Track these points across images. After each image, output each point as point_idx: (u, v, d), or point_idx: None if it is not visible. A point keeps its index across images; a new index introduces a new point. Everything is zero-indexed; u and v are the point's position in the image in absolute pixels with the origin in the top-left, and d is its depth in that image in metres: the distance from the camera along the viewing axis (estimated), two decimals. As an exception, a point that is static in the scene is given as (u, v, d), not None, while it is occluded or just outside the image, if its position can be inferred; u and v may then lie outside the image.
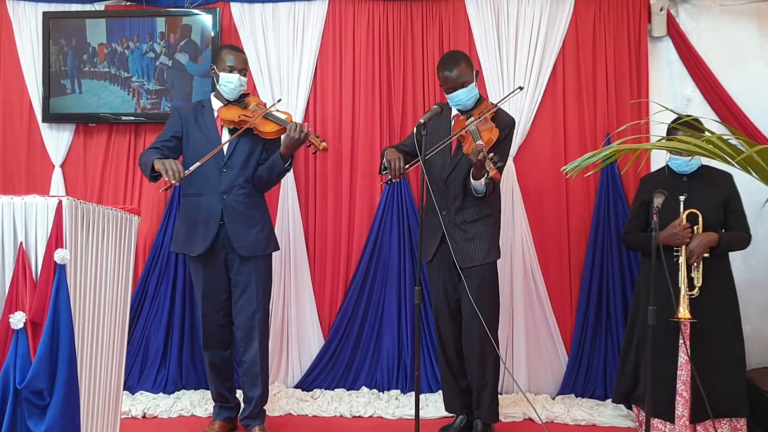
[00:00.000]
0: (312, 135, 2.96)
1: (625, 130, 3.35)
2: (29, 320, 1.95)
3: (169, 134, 3.06)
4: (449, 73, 2.93)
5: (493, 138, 2.85)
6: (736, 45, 3.65)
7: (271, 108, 3.04)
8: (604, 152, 2.20)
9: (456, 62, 2.94)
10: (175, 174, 2.74)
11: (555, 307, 3.72)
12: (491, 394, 3.06)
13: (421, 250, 3.10)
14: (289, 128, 2.93)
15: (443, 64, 2.98)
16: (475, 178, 2.86)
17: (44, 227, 2.00)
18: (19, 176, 3.97)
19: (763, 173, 2.10)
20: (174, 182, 2.74)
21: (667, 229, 2.91)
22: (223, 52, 3.10)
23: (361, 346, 3.80)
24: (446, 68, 2.95)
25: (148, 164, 2.85)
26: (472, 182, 2.89)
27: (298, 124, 2.93)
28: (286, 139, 2.94)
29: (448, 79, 2.94)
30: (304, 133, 2.92)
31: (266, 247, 3.09)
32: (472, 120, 2.89)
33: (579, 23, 3.75)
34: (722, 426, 2.93)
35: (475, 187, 2.90)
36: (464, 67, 2.94)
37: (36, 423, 1.93)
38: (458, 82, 2.93)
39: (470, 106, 2.98)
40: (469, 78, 2.94)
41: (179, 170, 2.76)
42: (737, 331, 2.98)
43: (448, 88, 2.96)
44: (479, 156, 2.70)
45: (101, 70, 3.83)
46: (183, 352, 3.76)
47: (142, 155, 2.98)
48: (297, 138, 2.92)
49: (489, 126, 2.89)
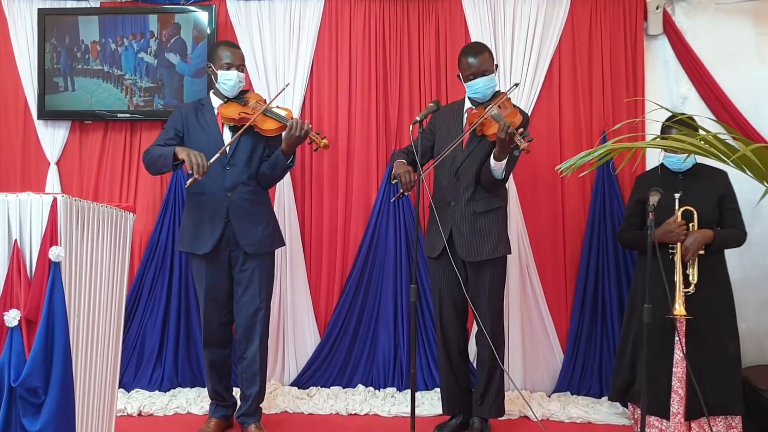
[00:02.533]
0: (313, 132, 2.95)
1: (621, 129, 3.36)
2: (24, 318, 1.95)
3: (171, 132, 3.03)
4: (473, 59, 2.96)
5: (517, 121, 2.86)
6: (732, 43, 3.66)
7: (271, 105, 3.03)
8: (599, 151, 2.20)
9: (480, 51, 2.99)
10: (200, 168, 2.75)
11: (551, 304, 3.73)
12: (498, 388, 3.08)
13: (427, 245, 3.12)
14: (290, 125, 2.92)
15: (467, 51, 3.01)
16: (499, 159, 2.86)
17: (39, 224, 2.00)
18: (14, 174, 3.95)
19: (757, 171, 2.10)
20: (198, 177, 2.75)
21: (663, 227, 2.92)
22: (219, 49, 3.07)
23: (357, 343, 3.80)
24: (470, 55, 2.98)
25: (167, 154, 2.83)
26: (493, 165, 2.89)
27: (298, 121, 2.92)
28: (287, 136, 2.93)
29: (471, 65, 2.96)
30: (305, 130, 2.92)
31: (271, 243, 3.10)
32: (492, 106, 2.91)
33: (575, 21, 3.75)
34: (717, 424, 2.93)
35: (495, 171, 2.90)
36: (487, 56, 2.98)
37: (31, 421, 1.93)
38: (480, 70, 2.95)
39: (488, 97, 3.00)
40: (490, 68, 2.97)
41: (204, 164, 2.76)
42: (732, 328, 2.99)
43: (469, 74, 2.97)
44: (509, 131, 2.71)
45: (94, 68, 3.82)
46: (179, 350, 3.75)
47: (149, 151, 2.95)
48: (298, 135, 2.92)
49: (511, 110, 2.92)
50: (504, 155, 2.84)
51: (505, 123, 2.74)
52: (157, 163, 2.92)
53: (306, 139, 2.95)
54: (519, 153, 2.82)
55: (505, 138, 2.73)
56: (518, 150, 2.78)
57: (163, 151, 2.89)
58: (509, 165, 2.90)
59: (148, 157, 2.96)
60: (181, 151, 2.82)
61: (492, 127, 2.85)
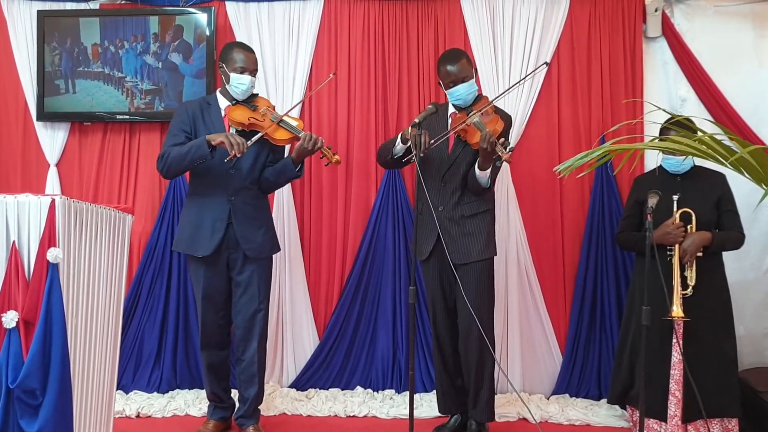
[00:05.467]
0: (325, 147, 2.95)
1: (620, 130, 3.36)
2: (22, 319, 1.94)
3: (182, 136, 2.98)
4: (451, 67, 2.99)
5: (498, 129, 2.89)
6: (730, 46, 3.66)
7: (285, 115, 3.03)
8: (597, 152, 2.20)
9: (457, 58, 3.01)
10: (241, 146, 2.79)
11: (549, 306, 3.73)
12: (488, 392, 3.07)
13: (417, 249, 3.12)
14: (303, 138, 2.92)
15: (445, 59, 3.04)
16: (482, 168, 2.89)
17: (37, 226, 1.99)
18: (14, 175, 3.95)
19: (755, 174, 2.10)
20: (239, 155, 2.79)
21: (661, 228, 2.92)
22: (234, 51, 3.04)
23: (356, 345, 3.80)
24: (448, 63, 3.00)
25: (199, 143, 2.82)
26: (478, 174, 2.92)
27: (311, 135, 2.92)
28: (299, 148, 2.93)
29: (450, 73, 2.99)
30: (317, 145, 2.92)
31: (271, 248, 3.12)
32: (474, 113, 2.93)
33: (574, 23, 3.75)
34: (714, 426, 2.93)
35: (480, 179, 2.93)
36: (465, 63, 3.01)
37: (28, 422, 1.93)
38: (459, 77, 2.97)
39: (470, 102, 3.03)
40: (469, 74, 3.00)
41: (243, 142, 2.80)
42: (730, 331, 2.99)
43: (449, 82, 3.00)
44: (490, 140, 2.74)
45: (95, 70, 3.82)
46: (177, 352, 3.75)
47: (168, 153, 2.89)
48: (310, 149, 2.92)
49: (492, 117, 2.94)
50: (488, 165, 2.87)
51: (486, 133, 2.77)
52: (185, 159, 2.85)
53: (317, 152, 2.96)
54: (501, 164, 2.84)
55: (487, 148, 2.76)
56: (500, 161, 2.80)
57: (190, 145, 2.85)
58: (492, 173, 2.94)
59: (168, 160, 2.89)
60: (213, 137, 2.82)
61: (475, 136, 2.88)
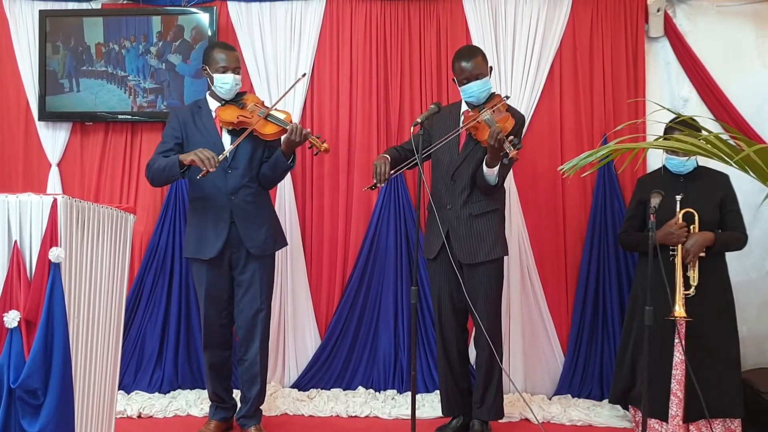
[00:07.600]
0: (312, 136, 2.95)
1: (622, 130, 3.36)
2: (23, 319, 1.94)
3: (171, 143, 3.00)
4: (465, 64, 2.96)
5: (508, 127, 2.86)
6: (732, 46, 3.66)
7: (271, 109, 3.02)
8: (601, 152, 2.20)
9: (473, 54, 2.99)
10: (211, 160, 2.76)
11: (551, 306, 3.72)
12: (497, 390, 3.07)
13: (425, 247, 3.12)
14: (289, 130, 2.92)
15: (460, 56, 3.02)
16: (491, 165, 2.87)
17: (39, 225, 1.99)
18: (16, 175, 3.95)
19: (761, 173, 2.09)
20: (212, 169, 2.76)
21: (664, 228, 2.91)
22: (214, 51, 3.05)
23: (358, 346, 3.80)
24: (463, 59, 2.98)
25: (172, 163, 2.83)
26: (485, 171, 2.90)
27: (297, 126, 2.92)
28: (287, 140, 2.94)
29: (464, 69, 2.97)
30: (303, 134, 2.92)
31: (274, 244, 3.12)
32: (485, 110, 2.91)
33: (576, 23, 3.75)
34: (716, 426, 2.92)
35: (488, 177, 2.91)
36: (480, 60, 2.98)
37: (30, 422, 1.93)
38: (473, 74, 2.96)
39: (483, 100, 3.00)
40: (484, 71, 2.98)
41: (212, 156, 2.77)
42: (732, 331, 2.98)
43: (462, 78, 2.98)
44: (498, 137, 2.72)
45: (98, 69, 3.82)
46: (179, 352, 3.75)
47: (151, 165, 2.93)
48: (297, 140, 2.92)
49: (504, 115, 2.92)
50: (495, 162, 2.85)
51: (494, 130, 2.75)
52: (163, 175, 2.90)
53: (306, 142, 2.95)
54: (508, 161, 2.83)
55: (495, 144, 2.75)
56: (507, 158, 2.79)
57: (167, 161, 2.87)
58: (502, 171, 2.91)
59: (151, 171, 2.94)
60: (184, 156, 2.81)
61: (485, 133, 2.86)
